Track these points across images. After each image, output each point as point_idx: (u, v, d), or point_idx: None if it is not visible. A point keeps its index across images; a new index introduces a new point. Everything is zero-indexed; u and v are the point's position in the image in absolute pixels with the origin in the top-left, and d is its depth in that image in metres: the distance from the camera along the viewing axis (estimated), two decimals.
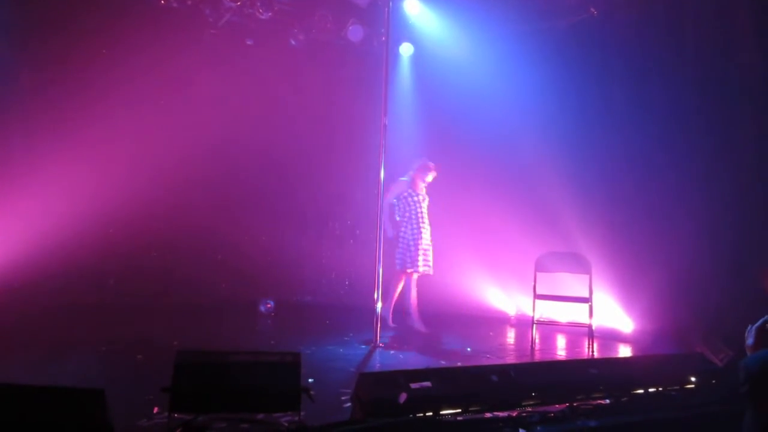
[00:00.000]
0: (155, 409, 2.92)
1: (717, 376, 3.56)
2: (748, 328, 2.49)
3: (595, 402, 3.20)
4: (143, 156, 6.14)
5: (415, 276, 5.66)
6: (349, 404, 2.97)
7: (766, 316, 2.51)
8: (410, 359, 4.53)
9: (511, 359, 4.74)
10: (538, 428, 2.85)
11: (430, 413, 2.85)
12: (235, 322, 5.97)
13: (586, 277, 5.07)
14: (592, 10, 6.12)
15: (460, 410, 2.92)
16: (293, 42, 6.96)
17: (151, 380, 3.05)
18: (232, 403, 2.69)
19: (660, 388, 3.42)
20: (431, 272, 5.69)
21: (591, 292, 4.99)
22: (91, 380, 3.42)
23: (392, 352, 4.79)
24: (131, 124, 6.12)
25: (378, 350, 4.81)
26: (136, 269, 6.60)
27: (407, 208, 5.67)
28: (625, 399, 3.25)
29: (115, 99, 6.09)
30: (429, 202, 5.82)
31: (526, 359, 4.74)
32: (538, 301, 5.11)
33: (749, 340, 2.46)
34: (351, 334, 5.34)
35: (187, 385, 2.61)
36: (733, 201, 5.11)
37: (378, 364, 4.39)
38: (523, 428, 2.84)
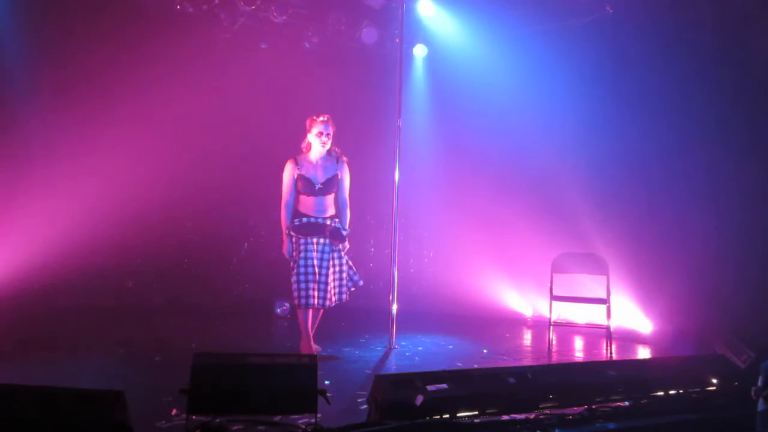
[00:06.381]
0: (173, 411, 2.94)
1: (739, 377, 3.50)
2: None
3: (614, 404, 3.17)
4: (160, 159, 6.21)
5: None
6: (365, 406, 2.97)
7: None
8: (426, 361, 4.52)
9: (528, 361, 4.71)
10: (556, 431, 2.83)
11: (447, 415, 2.84)
12: (252, 324, 6.01)
13: (604, 278, 5.02)
14: (608, 8, 6.07)
15: (477, 413, 2.91)
16: (307, 45, 6.99)
17: (170, 382, 3.08)
18: (249, 405, 2.70)
19: (680, 390, 3.38)
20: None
21: (609, 293, 4.94)
22: (110, 382, 3.45)
23: (408, 354, 4.78)
24: (148, 128, 6.18)
25: (394, 352, 4.80)
26: (154, 272, 6.67)
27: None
28: (644, 401, 3.22)
29: (132, 103, 6.16)
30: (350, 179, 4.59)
31: (543, 361, 4.70)
32: (555, 303, 5.07)
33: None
34: (367, 336, 5.35)
35: (205, 387, 2.63)
36: (755, 199, 5.02)
37: (394, 366, 4.38)
38: (540, 431, 2.82)
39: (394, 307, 4.97)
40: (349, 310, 6.77)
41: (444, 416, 2.83)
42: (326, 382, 3.56)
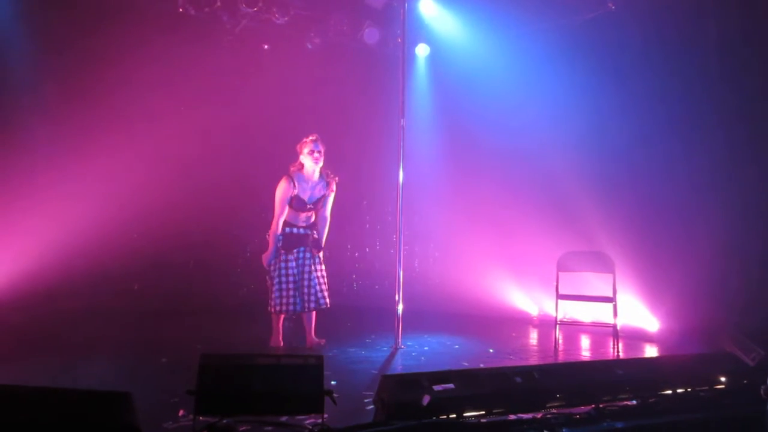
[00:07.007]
0: (180, 412, 2.95)
1: (748, 376, 3.48)
2: None
3: (621, 403, 3.15)
4: (164, 161, 6.22)
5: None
6: (372, 406, 2.96)
7: None
8: (432, 361, 4.51)
9: (534, 360, 4.70)
10: (564, 430, 2.82)
11: (454, 415, 2.83)
12: (258, 324, 6.00)
13: (610, 276, 5.00)
14: (610, 5, 6.05)
15: (483, 412, 2.89)
16: (309, 46, 7.00)
17: (176, 383, 3.09)
18: (255, 406, 2.70)
19: (688, 389, 3.36)
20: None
21: (615, 292, 4.92)
22: (117, 383, 3.46)
23: (414, 353, 4.78)
24: (152, 130, 6.20)
25: (400, 352, 4.80)
26: (159, 273, 6.68)
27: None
28: (652, 400, 3.20)
29: (136, 105, 6.19)
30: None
31: (549, 360, 4.69)
32: (561, 301, 5.05)
33: None
34: (373, 336, 5.34)
35: (212, 388, 2.64)
36: (762, 195, 5.00)
37: (400, 366, 4.38)
38: (547, 430, 2.81)
39: (400, 307, 4.96)
40: (355, 310, 6.79)
41: (451, 416, 2.82)
42: (332, 383, 3.56)
